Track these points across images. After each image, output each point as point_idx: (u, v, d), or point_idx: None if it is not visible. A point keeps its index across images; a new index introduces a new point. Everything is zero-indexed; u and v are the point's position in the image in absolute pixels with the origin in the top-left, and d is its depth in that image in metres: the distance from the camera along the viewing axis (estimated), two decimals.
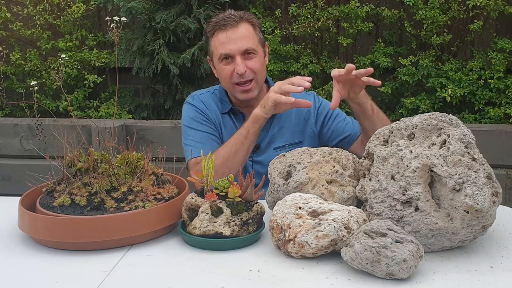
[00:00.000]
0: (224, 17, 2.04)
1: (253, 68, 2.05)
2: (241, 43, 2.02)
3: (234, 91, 2.09)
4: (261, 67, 2.09)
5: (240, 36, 2.03)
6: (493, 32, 3.87)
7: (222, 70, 2.07)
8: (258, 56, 2.07)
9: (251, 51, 2.04)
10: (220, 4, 3.84)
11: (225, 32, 2.03)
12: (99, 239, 1.41)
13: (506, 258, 1.35)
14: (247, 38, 2.04)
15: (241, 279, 1.27)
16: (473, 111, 3.76)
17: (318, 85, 3.99)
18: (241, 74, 2.02)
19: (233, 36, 2.02)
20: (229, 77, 2.06)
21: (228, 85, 2.09)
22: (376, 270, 1.23)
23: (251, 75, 2.05)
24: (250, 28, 2.06)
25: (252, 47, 2.04)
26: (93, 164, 1.54)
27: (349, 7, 3.79)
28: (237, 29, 2.03)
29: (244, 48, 2.03)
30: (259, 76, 2.08)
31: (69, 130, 1.60)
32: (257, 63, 2.06)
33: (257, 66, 2.05)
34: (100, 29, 4.52)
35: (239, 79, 2.04)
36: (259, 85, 2.09)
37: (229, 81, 2.06)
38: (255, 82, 2.07)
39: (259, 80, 2.08)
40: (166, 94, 4.13)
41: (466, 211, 1.31)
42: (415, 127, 1.45)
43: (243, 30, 2.04)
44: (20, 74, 4.39)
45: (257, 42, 2.08)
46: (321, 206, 1.38)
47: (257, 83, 2.08)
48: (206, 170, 1.49)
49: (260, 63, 2.08)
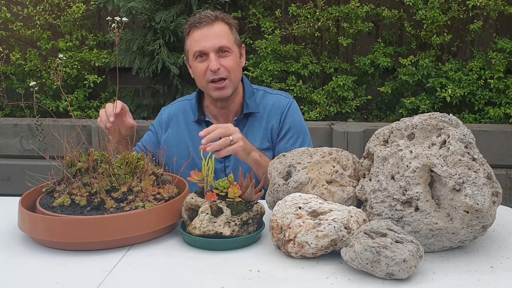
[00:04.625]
0: (200, 16, 2.05)
1: (227, 66, 2.03)
2: (215, 40, 2.01)
3: (208, 89, 2.06)
4: (236, 66, 2.06)
5: (214, 34, 2.02)
6: (493, 32, 3.87)
7: (196, 67, 2.06)
8: (233, 55, 2.05)
9: (226, 49, 2.03)
10: (220, 4, 3.84)
11: (200, 30, 2.03)
12: (99, 239, 1.41)
13: (506, 258, 1.35)
14: (222, 36, 2.03)
15: (241, 279, 1.27)
16: (473, 111, 3.76)
17: (318, 85, 3.99)
18: (214, 71, 2.00)
19: (208, 33, 2.02)
20: (203, 75, 2.03)
21: (202, 83, 2.07)
22: (376, 270, 1.23)
23: (225, 73, 2.02)
24: (225, 28, 2.06)
25: (226, 45, 2.03)
26: (93, 164, 1.54)
27: (349, 7, 3.80)
28: (212, 27, 2.03)
29: (218, 45, 2.01)
30: (233, 75, 2.05)
31: (69, 130, 1.60)
32: (231, 62, 2.04)
33: (231, 64, 2.03)
34: (100, 29, 4.52)
35: (213, 76, 2.01)
36: (233, 84, 2.06)
37: (203, 78, 2.04)
38: (229, 80, 2.04)
39: (233, 79, 2.05)
40: (166, 94, 4.13)
41: (466, 211, 1.31)
42: (415, 127, 1.45)
43: (218, 29, 2.04)
44: (20, 74, 4.39)
45: (233, 42, 2.06)
46: (321, 206, 1.38)
47: (231, 81, 2.05)
48: (206, 170, 1.49)
49: (235, 62, 2.06)
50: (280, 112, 2.13)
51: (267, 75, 3.92)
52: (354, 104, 3.89)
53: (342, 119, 3.91)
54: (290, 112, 2.14)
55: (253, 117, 2.12)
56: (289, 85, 3.91)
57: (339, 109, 3.90)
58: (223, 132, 1.81)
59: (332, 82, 3.84)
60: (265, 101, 2.15)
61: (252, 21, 4.07)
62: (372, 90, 4.01)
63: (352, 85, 3.85)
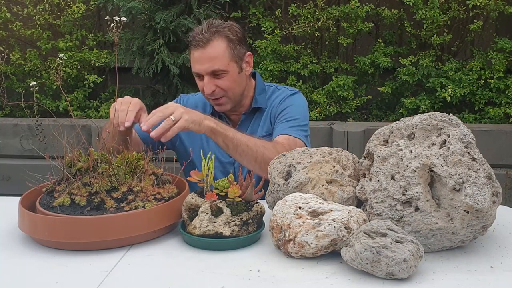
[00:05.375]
0: (196, 35, 2.00)
1: (222, 87, 2.02)
2: (207, 64, 1.98)
3: (210, 102, 2.11)
4: (233, 84, 2.04)
5: (207, 57, 1.98)
6: (493, 32, 3.88)
7: (197, 83, 2.08)
8: (228, 75, 2.01)
9: (219, 72, 2.00)
10: (220, 4, 3.84)
11: (195, 50, 2.01)
12: (99, 239, 1.41)
13: (506, 258, 1.35)
14: (215, 59, 1.98)
15: (241, 279, 1.27)
16: (473, 111, 3.76)
17: (318, 85, 3.99)
18: (208, 94, 2.02)
19: (201, 56, 1.99)
20: (202, 91, 2.06)
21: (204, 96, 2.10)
22: (376, 270, 1.23)
23: (221, 93, 2.03)
24: (221, 46, 2.00)
25: (219, 68, 1.99)
26: (93, 164, 1.54)
27: (349, 7, 3.80)
28: (205, 50, 1.98)
29: (210, 70, 1.99)
30: (231, 93, 2.05)
31: (69, 130, 1.60)
32: (227, 82, 2.01)
33: (226, 84, 2.01)
34: (100, 29, 4.52)
35: (210, 96, 2.04)
36: (232, 99, 2.07)
37: (204, 94, 2.07)
38: (227, 98, 2.05)
39: (231, 96, 2.06)
40: (166, 94, 4.13)
41: (466, 211, 1.31)
42: (415, 127, 1.45)
43: (211, 50, 1.98)
44: (20, 74, 4.39)
45: (229, 60, 2.01)
46: (321, 206, 1.38)
47: (229, 98, 2.06)
48: (206, 170, 1.49)
49: (231, 80, 2.03)
50: (282, 97, 2.14)
51: (267, 75, 3.92)
52: (354, 104, 3.89)
53: (342, 119, 3.91)
54: (292, 97, 2.15)
55: (260, 112, 2.15)
56: (289, 85, 3.91)
57: (339, 109, 3.90)
58: (162, 115, 1.73)
59: (332, 82, 3.85)
60: (273, 96, 2.18)
61: (252, 21, 4.07)
62: (372, 90, 4.01)
63: (352, 85, 3.85)
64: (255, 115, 2.16)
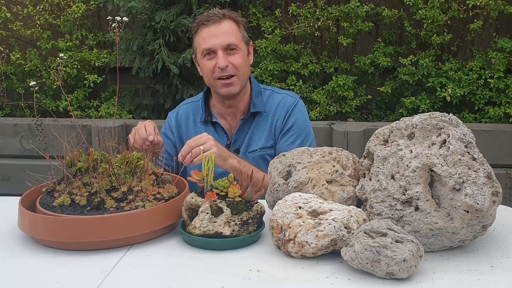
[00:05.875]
0: (208, 14, 2.07)
1: (235, 64, 2.04)
2: (223, 37, 2.03)
3: (216, 86, 2.08)
4: (244, 63, 2.08)
5: (222, 31, 2.04)
6: (493, 31, 3.87)
7: (204, 65, 2.08)
8: (240, 52, 2.07)
9: (234, 47, 2.05)
10: (220, 4, 3.84)
11: (207, 28, 2.04)
12: (99, 239, 1.41)
13: (506, 258, 1.35)
14: (230, 34, 2.05)
15: (241, 279, 1.27)
16: (473, 111, 3.76)
17: (318, 85, 3.99)
18: (222, 68, 2.02)
19: (216, 31, 2.04)
20: (211, 72, 2.05)
21: (210, 80, 2.08)
22: (376, 270, 1.23)
23: (233, 70, 2.04)
24: (233, 25, 2.08)
25: (234, 42, 2.05)
26: (93, 164, 1.54)
27: (349, 6, 3.80)
28: (220, 25, 2.05)
29: (226, 43, 2.03)
30: (241, 72, 2.07)
31: (69, 130, 1.60)
32: (240, 59, 2.06)
33: (239, 61, 2.05)
34: (100, 29, 4.52)
35: (221, 73, 2.04)
36: (241, 81, 2.08)
37: (211, 76, 2.06)
38: (237, 77, 2.06)
39: (241, 76, 2.07)
40: (166, 94, 4.13)
41: (466, 210, 1.31)
42: (415, 127, 1.45)
43: (226, 26, 2.05)
44: (20, 74, 4.39)
45: (240, 39, 2.08)
46: (321, 206, 1.38)
47: (239, 79, 2.07)
48: (206, 170, 1.49)
49: (243, 59, 2.07)
50: (286, 111, 2.14)
51: (267, 74, 3.92)
52: (354, 103, 3.89)
53: (342, 118, 3.91)
54: (295, 111, 2.15)
55: (260, 116, 2.14)
56: (289, 85, 3.91)
57: (339, 108, 3.90)
58: (193, 144, 1.84)
59: (332, 82, 3.84)
60: (272, 100, 2.17)
61: (252, 21, 4.07)
62: (372, 89, 4.01)
63: (352, 84, 3.85)
64: (255, 120, 2.15)
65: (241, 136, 2.14)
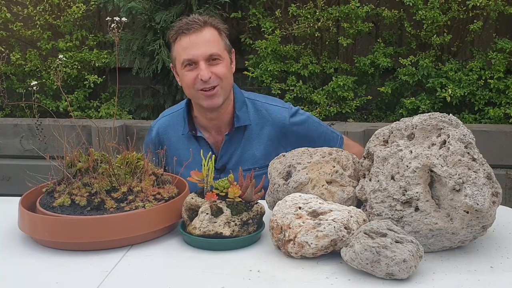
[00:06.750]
0: (188, 22, 1.94)
1: (219, 74, 1.92)
2: (205, 47, 1.91)
3: (198, 98, 1.96)
4: (228, 73, 1.96)
5: (203, 41, 1.91)
6: (493, 32, 3.87)
7: (185, 76, 1.95)
8: (224, 62, 1.95)
9: (216, 57, 1.93)
10: (220, 4, 3.84)
11: (188, 36, 1.91)
12: (99, 239, 1.41)
13: (506, 258, 1.35)
14: (212, 43, 1.93)
15: (241, 279, 1.27)
16: (473, 111, 3.76)
17: (318, 85, 3.99)
18: (205, 80, 1.90)
19: (197, 40, 1.91)
20: (192, 84, 1.93)
21: (191, 92, 1.96)
22: (376, 270, 1.23)
23: (216, 81, 1.92)
24: (215, 33, 1.96)
25: (217, 52, 1.93)
26: (93, 164, 1.54)
27: (349, 7, 3.80)
28: (201, 33, 1.92)
29: (208, 53, 1.91)
30: (225, 83, 1.95)
31: (69, 130, 1.60)
32: (223, 69, 1.94)
33: (222, 71, 1.93)
34: (100, 29, 4.52)
35: (203, 85, 1.92)
36: (224, 91, 1.96)
37: (193, 88, 1.94)
38: (221, 88, 1.94)
39: (224, 87, 1.95)
40: (166, 94, 4.13)
41: (466, 211, 1.31)
42: (415, 127, 1.45)
43: (207, 35, 1.93)
44: (20, 74, 4.39)
45: (223, 48, 1.97)
46: (321, 206, 1.38)
47: (223, 89, 1.95)
48: (206, 170, 1.49)
49: (226, 68, 1.96)
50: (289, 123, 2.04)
51: (267, 75, 3.92)
52: (354, 104, 3.89)
53: (342, 119, 3.91)
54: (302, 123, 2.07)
55: (249, 129, 2.03)
56: (289, 85, 3.91)
57: (339, 109, 3.90)
58: None
59: (332, 82, 3.84)
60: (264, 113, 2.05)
61: (252, 21, 4.07)
62: (372, 90, 4.01)
63: (352, 85, 3.85)
64: (244, 135, 2.03)
65: (228, 151, 2.03)
